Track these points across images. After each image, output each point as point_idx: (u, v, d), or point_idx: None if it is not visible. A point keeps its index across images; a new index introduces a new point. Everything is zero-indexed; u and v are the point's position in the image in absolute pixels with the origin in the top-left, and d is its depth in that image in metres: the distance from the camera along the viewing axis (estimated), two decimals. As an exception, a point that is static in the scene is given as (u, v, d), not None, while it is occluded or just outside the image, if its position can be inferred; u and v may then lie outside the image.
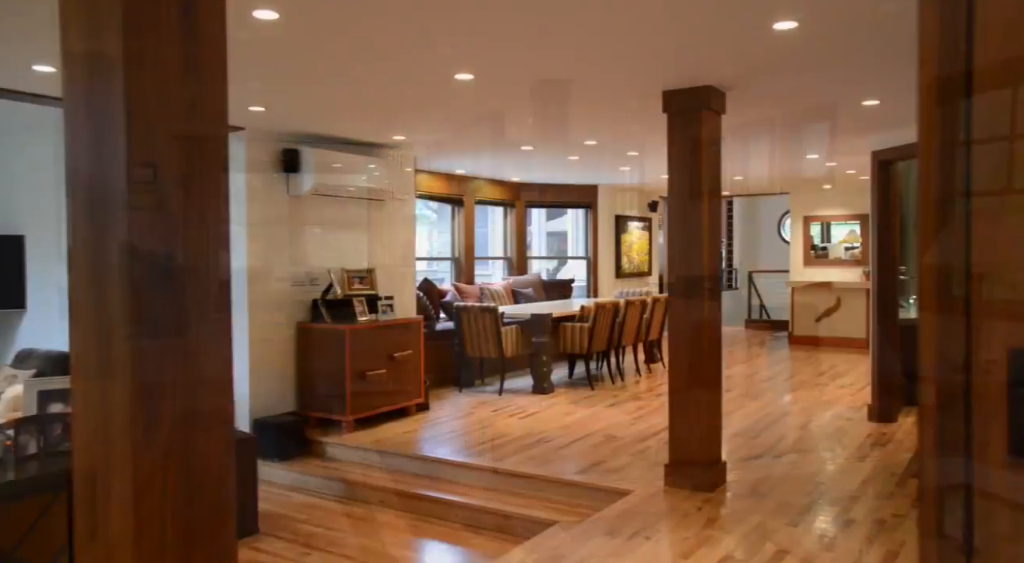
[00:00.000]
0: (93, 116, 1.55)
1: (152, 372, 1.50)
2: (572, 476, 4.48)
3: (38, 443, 3.14)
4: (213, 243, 1.59)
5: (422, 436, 5.59)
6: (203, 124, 1.60)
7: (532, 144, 6.44)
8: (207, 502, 1.60)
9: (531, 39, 3.32)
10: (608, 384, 7.48)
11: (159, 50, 1.51)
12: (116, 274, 1.50)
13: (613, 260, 10.43)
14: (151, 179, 1.50)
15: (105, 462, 1.54)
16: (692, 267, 4.16)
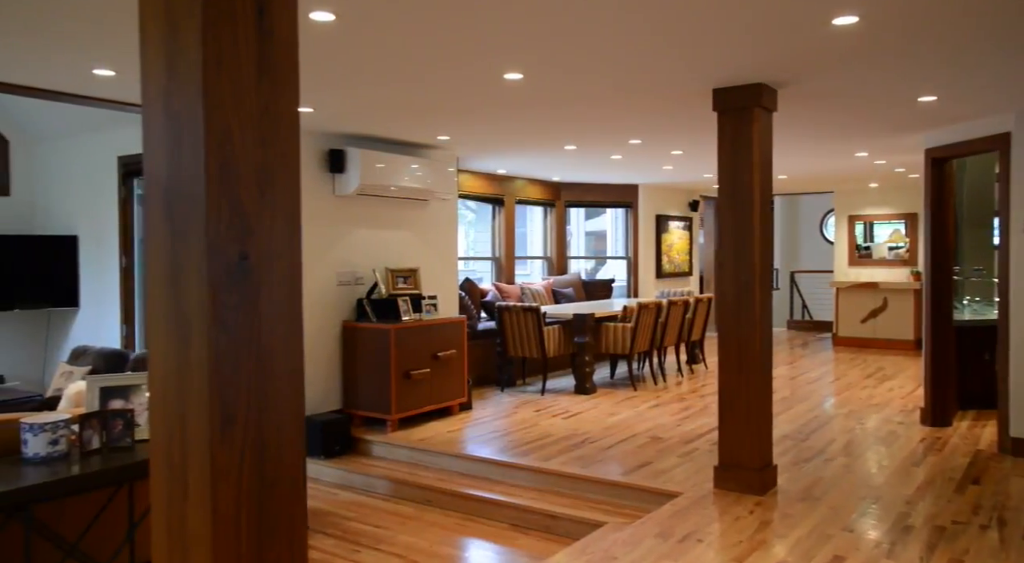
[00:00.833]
0: (171, 117, 1.56)
1: (228, 370, 1.52)
2: (619, 477, 4.46)
3: (101, 438, 3.22)
4: (286, 243, 1.60)
5: (466, 435, 5.60)
6: (276, 125, 1.61)
7: (576, 143, 6.41)
8: (280, 498, 1.61)
9: (581, 36, 3.30)
10: (650, 385, 7.43)
11: (235, 52, 1.53)
12: (194, 274, 1.51)
13: (654, 260, 10.35)
14: (228, 180, 1.51)
15: (182, 458, 1.56)
16: (742, 267, 4.10)
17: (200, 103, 1.45)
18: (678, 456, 4.89)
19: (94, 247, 7.36)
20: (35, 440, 3.05)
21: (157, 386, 1.59)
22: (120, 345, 6.94)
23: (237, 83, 1.49)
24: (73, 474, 2.96)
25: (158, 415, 1.58)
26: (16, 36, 3.35)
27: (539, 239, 9.99)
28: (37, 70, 3.93)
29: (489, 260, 8.98)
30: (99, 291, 7.33)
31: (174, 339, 1.55)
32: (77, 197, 7.49)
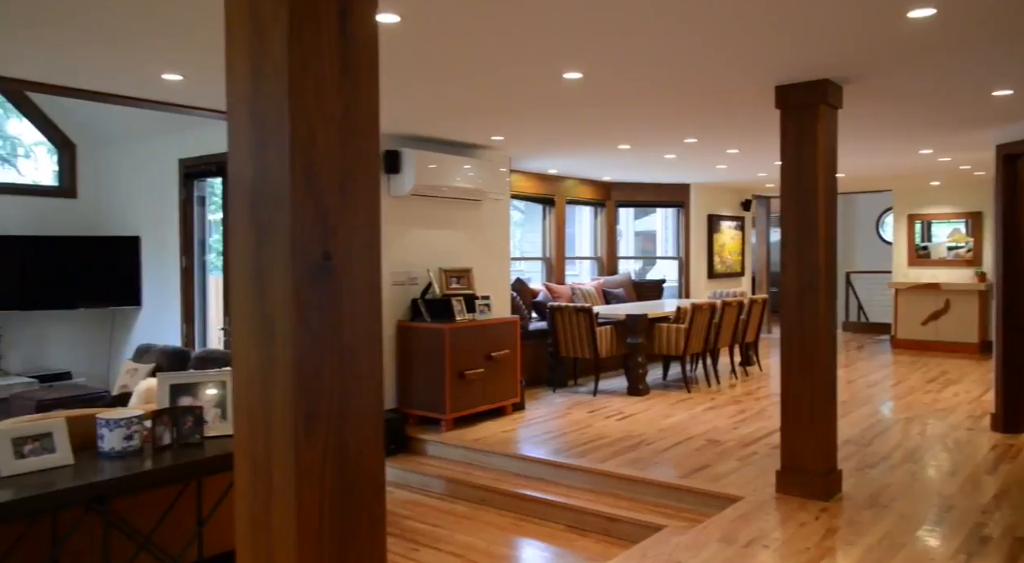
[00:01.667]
0: (256, 120, 1.58)
1: (311, 369, 1.53)
2: (677, 480, 4.40)
3: (172, 434, 3.29)
4: (366, 244, 1.61)
5: (520, 436, 5.60)
6: (357, 127, 1.62)
7: (630, 143, 6.36)
8: (361, 496, 1.62)
9: (642, 35, 3.27)
10: (704, 387, 7.33)
11: (319, 55, 1.54)
12: (279, 274, 1.53)
13: (705, 260, 10.21)
14: (312, 181, 1.53)
15: (266, 457, 1.57)
16: (806, 267, 4.01)
17: (286, 105, 1.47)
18: (737, 459, 4.80)
19: (156, 248, 7.55)
20: (111, 435, 3.14)
21: (241, 384, 1.61)
22: (180, 343, 7.11)
23: (321, 85, 1.51)
24: (147, 469, 3.04)
25: (242, 413, 1.60)
26: (90, 44, 3.45)
27: (587, 239, 9.94)
28: (109, 76, 4.05)
29: (538, 260, 8.97)
30: (160, 290, 7.53)
31: (258, 338, 1.56)
32: (140, 199, 7.70)
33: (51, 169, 8.11)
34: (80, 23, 3.16)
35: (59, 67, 3.86)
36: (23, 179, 8.02)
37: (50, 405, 6.08)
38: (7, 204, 7.38)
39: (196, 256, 7.30)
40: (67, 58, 3.68)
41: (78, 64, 3.80)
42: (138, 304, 7.75)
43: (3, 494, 2.69)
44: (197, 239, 7.29)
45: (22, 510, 2.71)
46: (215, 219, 7.55)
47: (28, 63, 3.79)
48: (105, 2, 2.91)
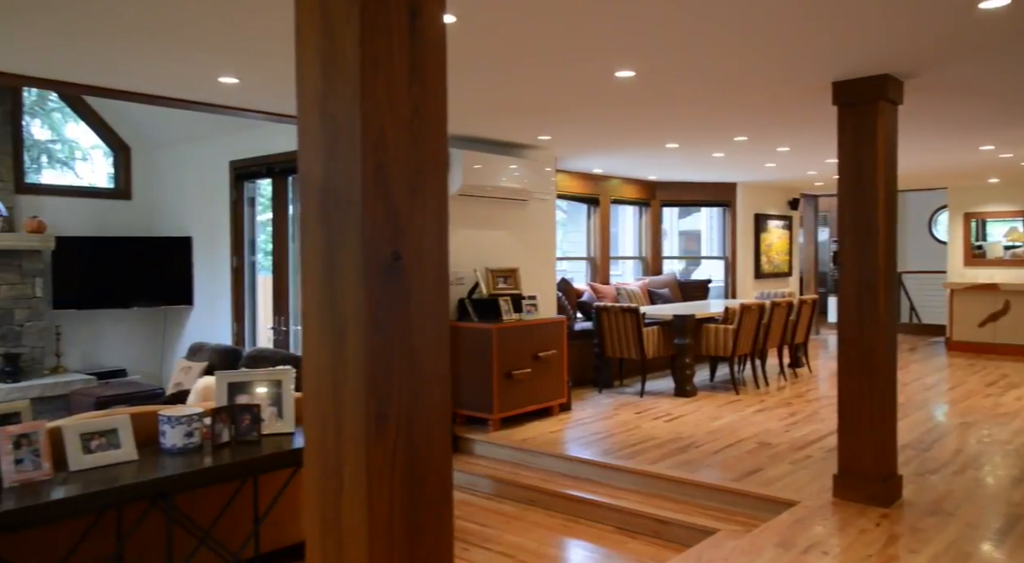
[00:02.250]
0: (326, 120, 1.59)
1: (382, 369, 1.53)
2: (729, 483, 4.33)
3: (230, 432, 3.35)
4: (435, 244, 1.61)
5: (568, 436, 5.57)
6: (427, 127, 1.62)
7: (678, 141, 6.29)
8: (429, 496, 1.63)
9: (697, 31, 3.22)
10: (752, 388, 7.21)
11: (390, 55, 1.54)
12: (350, 274, 1.53)
13: (752, 260, 10.06)
14: (383, 181, 1.53)
15: (336, 456, 1.58)
16: (864, 267, 3.92)
17: (357, 106, 1.47)
18: (790, 463, 4.72)
19: (206, 248, 7.71)
20: (172, 432, 3.20)
21: (311, 383, 1.62)
22: (231, 341, 7.24)
23: (391, 85, 1.51)
24: (207, 466, 3.09)
25: (312, 411, 1.61)
26: (149, 48, 3.52)
27: (630, 239, 9.87)
28: (167, 79, 4.13)
29: (582, 260, 8.93)
30: (211, 290, 7.68)
31: (329, 337, 1.57)
32: (191, 200, 7.87)
33: (106, 172, 8.33)
34: (140, 28, 3.23)
35: (118, 71, 3.96)
36: (80, 182, 8.25)
37: (108, 401, 6.24)
38: (66, 206, 7.59)
39: (246, 256, 7.43)
40: (126, 62, 3.77)
41: (137, 68, 3.88)
42: (189, 303, 7.92)
43: (72, 488, 2.76)
44: (247, 239, 7.42)
45: (91, 504, 2.78)
46: (263, 220, 7.67)
47: (88, 68, 3.89)
48: (166, 8, 2.97)
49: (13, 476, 2.73)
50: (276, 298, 7.04)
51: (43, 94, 7.91)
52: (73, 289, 7.44)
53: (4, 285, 6.89)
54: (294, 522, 3.80)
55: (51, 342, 7.34)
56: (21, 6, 2.97)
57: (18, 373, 6.76)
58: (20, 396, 6.49)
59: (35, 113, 8.00)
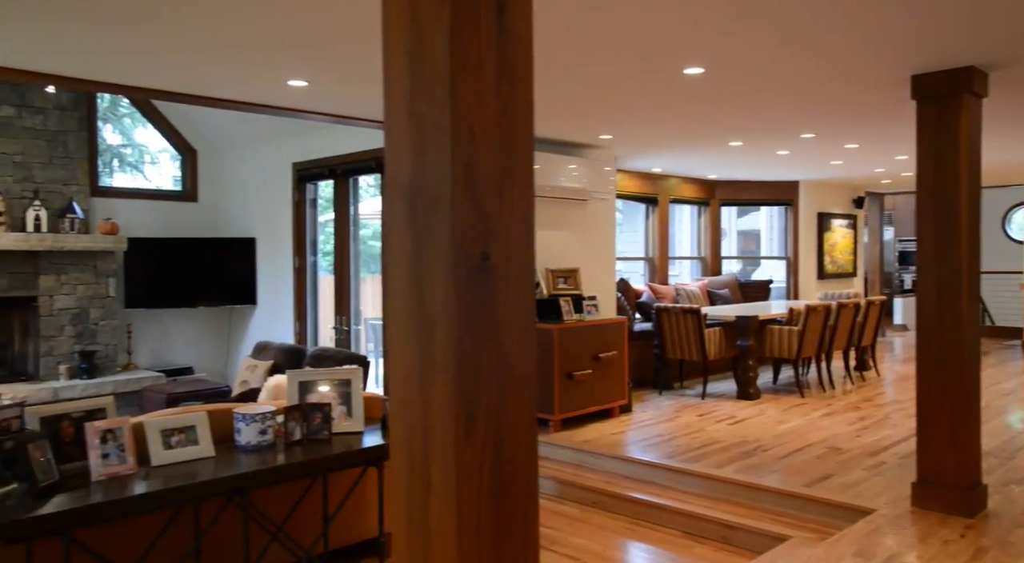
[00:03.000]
0: (415, 120, 1.58)
1: (471, 370, 1.52)
2: (800, 489, 4.22)
3: (302, 430, 3.40)
4: (522, 244, 1.60)
5: (629, 438, 5.52)
6: (514, 127, 1.60)
7: (742, 139, 6.17)
8: (516, 497, 1.61)
9: (769, 25, 3.15)
10: (818, 392, 7.03)
11: (479, 54, 1.53)
12: (439, 274, 1.52)
13: (815, 260, 9.81)
14: (471, 181, 1.52)
15: (424, 456, 1.58)
16: (945, 267, 3.77)
17: (447, 105, 1.46)
18: (863, 469, 4.57)
19: (270, 248, 7.86)
20: (247, 429, 3.26)
21: (398, 383, 1.62)
22: (293, 341, 7.38)
23: (480, 84, 1.50)
24: (280, 464, 3.14)
25: (399, 411, 1.61)
26: (222, 53, 3.60)
27: (687, 238, 9.73)
28: (237, 83, 4.22)
29: (638, 261, 8.83)
30: (274, 290, 7.83)
31: (417, 338, 1.57)
32: (255, 202, 8.04)
33: (171, 175, 8.57)
34: (215, 34, 3.31)
35: (190, 76, 4.06)
36: (149, 184, 8.51)
37: (178, 398, 6.42)
38: (136, 208, 7.84)
39: (307, 257, 7.55)
40: (199, 68, 3.86)
41: (209, 73, 3.98)
42: (253, 303, 8.08)
43: (154, 483, 2.83)
44: (309, 240, 7.54)
45: (172, 499, 2.85)
46: (323, 221, 7.79)
47: (162, 73, 4.00)
48: (239, 14, 3.02)
49: (100, 470, 2.81)
50: (337, 298, 7.14)
51: (115, 100, 8.18)
52: (143, 289, 7.67)
53: (80, 285, 7.14)
54: (360, 520, 3.83)
55: (123, 340, 7.59)
56: (99, 16, 3.06)
57: (93, 370, 7.01)
58: (95, 392, 6.72)
59: (107, 119, 8.27)
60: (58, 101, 7.05)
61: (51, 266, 6.94)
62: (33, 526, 2.45)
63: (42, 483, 2.62)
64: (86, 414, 2.98)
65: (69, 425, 2.91)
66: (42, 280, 6.89)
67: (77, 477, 2.80)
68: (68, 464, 2.82)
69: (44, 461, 2.67)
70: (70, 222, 6.95)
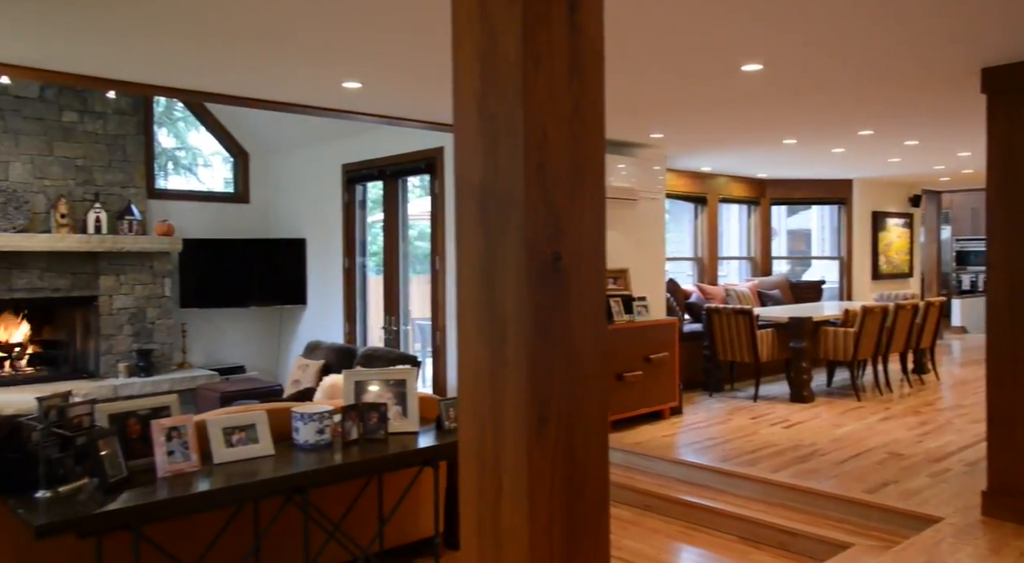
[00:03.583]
0: (485, 120, 1.57)
1: (542, 372, 1.50)
2: (862, 495, 4.11)
3: (358, 430, 3.42)
4: (593, 244, 1.57)
5: (682, 441, 5.44)
6: (585, 126, 1.58)
7: (797, 137, 6.04)
8: (588, 499, 1.59)
9: (832, 19, 3.07)
10: (874, 395, 6.86)
11: (551, 51, 1.51)
12: (511, 274, 1.51)
13: (869, 260, 9.57)
14: (544, 180, 1.50)
15: (495, 458, 1.56)
16: (1018, 267, 3.63)
17: (520, 104, 1.45)
18: (927, 476, 4.44)
19: (320, 249, 7.96)
20: (305, 428, 3.29)
21: (467, 384, 1.61)
22: (342, 341, 7.46)
23: (552, 83, 1.48)
24: (338, 462, 3.17)
25: (468, 412, 1.60)
26: (276, 56, 3.65)
27: (735, 238, 9.58)
28: (291, 86, 4.28)
29: (685, 261, 8.72)
30: (323, 290, 7.93)
31: (487, 338, 1.55)
32: (305, 203, 8.15)
33: (223, 177, 8.74)
34: (270, 37, 3.35)
35: (246, 80, 4.12)
36: (202, 187, 8.69)
37: (232, 397, 6.53)
38: (190, 210, 8.01)
39: (357, 257, 7.63)
40: (254, 71, 3.92)
41: (264, 76, 4.03)
42: (303, 303, 8.19)
43: (216, 480, 2.88)
44: (358, 241, 7.62)
45: (234, 496, 2.89)
46: (371, 221, 7.86)
47: (218, 77, 4.08)
48: (295, 17, 3.06)
49: (166, 467, 2.87)
50: (387, 298, 7.20)
51: (170, 105, 8.37)
52: (197, 289, 7.83)
53: (138, 285, 7.32)
54: (413, 520, 3.85)
55: (178, 339, 7.76)
56: (162, 22, 3.12)
57: (150, 368, 7.18)
58: (152, 390, 6.89)
59: (162, 123, 8.47)
60: (117, 106, 7.24)
61: (110, 267, 7.13)
62: (104, 521, 2.51)
63: (112, 479, 2.68)
64: (152, 412, 3.04)
65: (136, 422, 2.97)
66: (102, 280, 7.08)
67: (144, 473, 2.86)
68: (135, 460, 2.89)
69: (113, 457, 2.73)
70: (128, 224, 7.13)
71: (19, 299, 6.67)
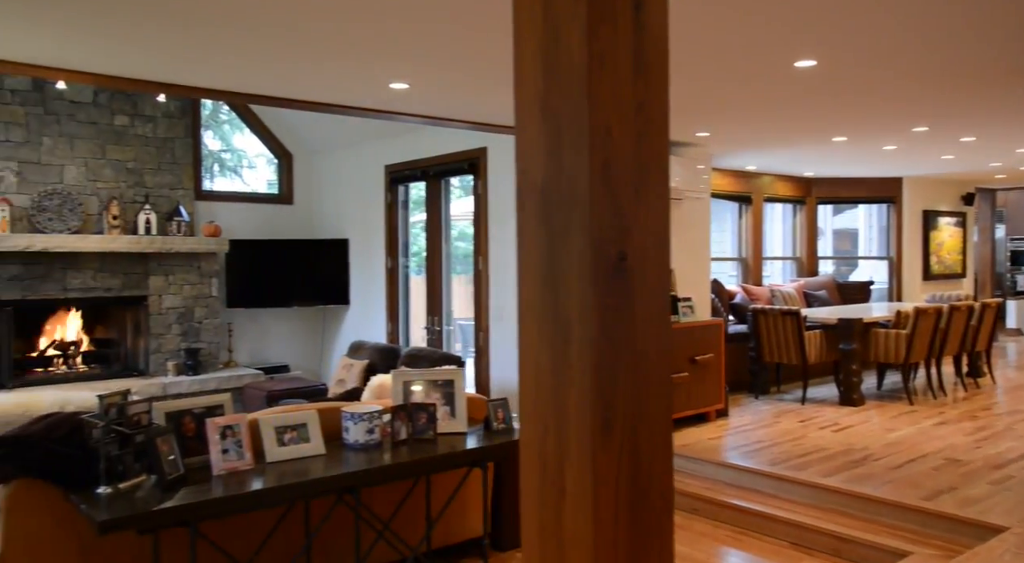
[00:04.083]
0: (548, 119, 1.55)
1: (607, 374, 1.48)
2: (920, 502, 4.00)
3: (407, 430, 3.43)
4: (658, 244, 1.54)
5: (728, 443, 5.36)
6: (650, 123, 1.55)
7: (847, 134, 5.91)
8: (652, 506, 1.56)
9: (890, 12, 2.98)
10: (927, 399, 6.68)
11: (615, 49, 1.48)
12: (574, 275, 1.49)
13: (920, 261, 9.33)
14: (609, 179, 1.47)
15: (558, 461, 1.54)
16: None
17: (584, 103, 1.42)
18: (988, 483, 4.30)
19: (362, 249, 8.03)
20: (355, 428, 3.31)
21: (529, 386, 1.59)
22: (385, 340, 7.50)
23: (616, 81, 1.45)
24: (389, 462, 3.18)
25: (529, 415, 1.58)
26: (325, 58, 3.67)
27: (778, 238, 9.42)
28: (339, 88, 4.31)
29: (730, 261, 8.60)
30: (366, 290, 7.99)
31: (550, 340, 1.53)
32: (348, 204, 8.22)
33: (266, 178, 8.87)
34: (321, 39, 3.37)
35: (296, 81, 4.16)
36: (246, 188, 8.82)
37: (278, 395, 6.62)
38: (236, 211, 8.13)
39: (399, 257, 7.68)
40: (304, 72, 3.96)
41: (313, 78, 4.07)
42: (346, 303, 8.26)
43: (269, 479, 2.91)
44: (401, 241, 7.66)
45: (288, 495, 2.91)
46: (412, 221, 7.90)
47: (268, 79, 4.12)
48: (345, 19, 3.07)
49: (221, 465, 2.90)
50: (430, 298, 7.22)
51: (216, 108, 8.52)
52: (243, 289, 7.95)
53: (186, 285, 7.46)
54: (461, 520, 3.84)
55: (224, 338, 7.88)
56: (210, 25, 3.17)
57: (198, 367, 7.30)
58: (199, 389, 7.01)
59: (208, 125, 8.62)
60: (166, 109, 7.39)
61: (160, 267, 7.27)
62: (164, 517, 2.55)
63: (169, 476, 2.72)
64: (206, 410, 3.09)
65: (191, 421, 3.02)
66: (152, 280, 7.23)
67: (199, 471, 2.90)
68: (190, 458, 2.93)
69: (171, 455, 2.77)
70: (177, 225, 7.27)
71: (74, 298, 6.85)
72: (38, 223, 6.55)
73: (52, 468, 2.67)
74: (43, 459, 2.64)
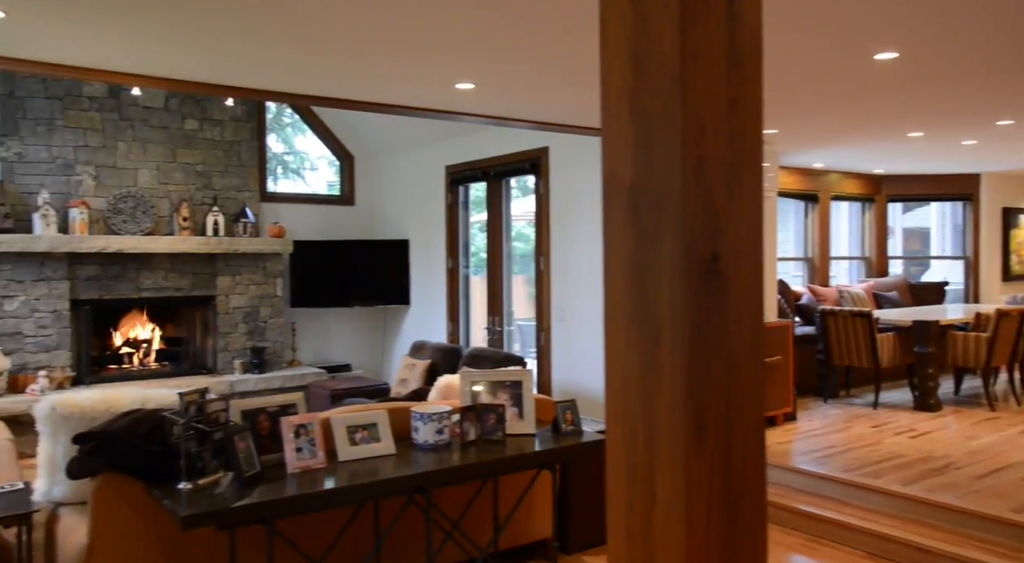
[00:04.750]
0: (637, 116, 1.50)
1: (700, 377, 1.42)
2: (1011, 514, 3.82)
3: (476, 431, 3.42)
4: (751, 244, 1.48)
5: (799, 448, 5.21)
6: (743, 121, 1.49)
7: (924, 129, 5.69)
8: (745, 512, 1.50)
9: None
10: (1009, 405, 6.38)
11: (708, 43, 1.43)
12: (665, 276, 1.44)
13: (999, 260, 8.94)
14: (701, 178, 1.42)
15: (648, 466, 1.50)
16: None
17: (676, 99, 1.38)
18: (1081, 495, 4.08)
19: (423, 250, 8.08)
20: (424, 428, 3.32)
21: (616, 389, 1.55)
22: (446, 340, 7.54)
23: (709, 76, 1.40)
24: (457, 463, 3.17)
25: (618, 418, 1.54)
26: (392, 60, 3.69)
27: (844, 237, 9.13)
28: (404, 89, 4.33)
29: (795, 261, 8.38)
30: (426, 290, 8.04)
31: (639, 342, 1.48)
32: (409, 205, 8.29)
33: (326, 180, 9.00)
34: (388, 40, 3.39)
35: (361, 83, 4.19)
36: (309, 189, 8.98)
37: (341, 394, 6.70)
38: (300, 212, 8.28)
39: (460, 257, 7.70)
40: (371, 73, 3.98)
41: (378, 79, 4.09)
42: (407, 303, 8.33)
43: (341, 478, 2.93)
44: (461, 242, 7.69)
45: (360, 495, 2.93)
46: (473, 221, 7.91)
47: (334, 82, 4.17)
48: (412, 20, 3.07)
49: (295, 463, 2.94)
50: (490, 299, 7.22)
51: (280, 111, 8.69)
52: (306, 289, 8.09)
53: (252, 285, 7.63)
54: (527, 522, 3.82)
55: (288, 337, 8.04)
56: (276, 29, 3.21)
57: (263, 365, 7.46)
58: (265, 387, 7.16)
59: (271, 128, 8.80)
60: (233, 113, 7.56)
61: (227, 267, 7.45)
62: (242, 514, 2.59)
63: (246, 473, 2.77)
64: (280, 409, 3.13)
65: (266, 419, 3.06)
66: (219, 280, 7.41)
67: (273, 469, 2.94)
68: (265, 455, 2.97)
69: (248, 452, 2.81)
70: (243, 226, 7.44)
71: (146, 298, 7.06)
72: (113, 225, 6.78)
73: (136, 463, 2.74)
74: (128, 454, 2.71)
